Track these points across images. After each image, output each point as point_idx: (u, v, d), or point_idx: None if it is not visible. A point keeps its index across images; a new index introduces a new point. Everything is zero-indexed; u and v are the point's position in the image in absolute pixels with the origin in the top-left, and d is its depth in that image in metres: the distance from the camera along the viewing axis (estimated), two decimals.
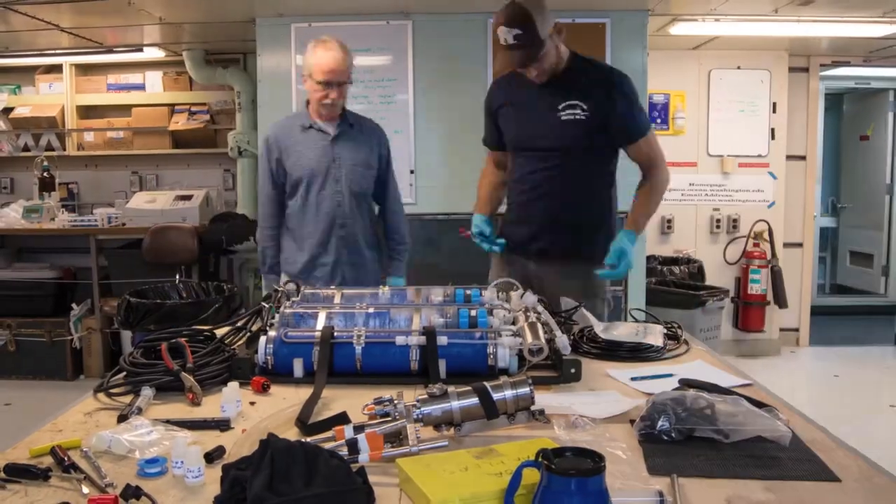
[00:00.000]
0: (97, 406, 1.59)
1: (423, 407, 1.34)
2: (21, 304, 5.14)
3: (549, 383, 1.71)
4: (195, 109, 5.75)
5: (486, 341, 1.74)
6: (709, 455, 1.30)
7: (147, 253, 4.91)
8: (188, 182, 5.79)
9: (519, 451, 1.21)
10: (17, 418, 4.36)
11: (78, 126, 5.80)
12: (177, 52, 5.38)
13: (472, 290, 2.10)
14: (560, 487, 0.98)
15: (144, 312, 2.38)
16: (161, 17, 4.36)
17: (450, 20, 4.35)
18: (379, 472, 1.21)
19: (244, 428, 1.42)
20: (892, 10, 4.17)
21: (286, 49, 4.40)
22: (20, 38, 4.85)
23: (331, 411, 1.49)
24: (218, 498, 1.08)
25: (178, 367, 1.66)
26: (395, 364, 1.73)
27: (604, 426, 1.44)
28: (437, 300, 2.06)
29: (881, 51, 5.47)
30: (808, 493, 1.16)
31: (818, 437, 1.41)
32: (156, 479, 1.21)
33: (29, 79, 5.86)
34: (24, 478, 1.19)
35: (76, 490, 1.17)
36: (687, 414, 1.36)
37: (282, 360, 1.75)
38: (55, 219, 5.30)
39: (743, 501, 1.13)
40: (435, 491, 1.09)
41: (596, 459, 1.01)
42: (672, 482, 1.17)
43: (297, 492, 1.05)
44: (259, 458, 1.09)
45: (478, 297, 2.06)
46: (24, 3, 3.90)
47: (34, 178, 5.52)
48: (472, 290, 2.10)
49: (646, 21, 4.35)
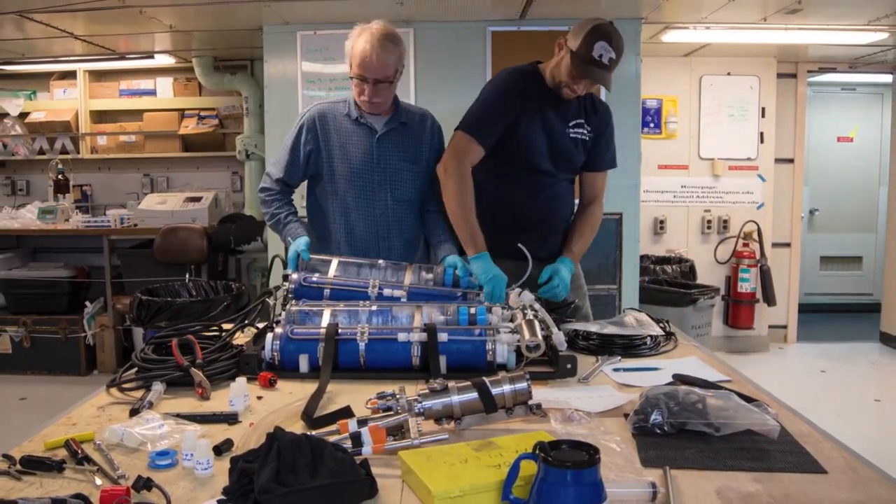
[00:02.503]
0: (110, 400, 1.60)
1: (424, 401, 1.34)
2: (36, 302, 5.14)
3: (545, 378, 1.71)
4: (204, 114, 5.74)
5: (484, 338, 1.74)
6: (700, 448, 1.30)
7: (158, 252, 4.91)
8: (197, 184, 5.80)
9: (517, 443, 1.21)
10: (33, 412, 4.36)
11: (91, 130, 5.80)
12: (186, 58, 5.38)
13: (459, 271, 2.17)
14: (556, 479, 0.98)
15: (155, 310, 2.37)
16: (171, 25, 4.36)
17: (450, 28, 4.35)
18: (382, 465, 1.21)
19: (252, 421, 1.42)
20: (876, 18, 4.17)
21: (292, 56, 4.40)
22: (36, 45, 4.85)
23: (335, 405, 1.50)
24: (226, 489, 1.08)
25: (188, 362, 1.67)
26: (398, 360, 1.74)
27: (599, 420, 1.44)
28: (428, 276, 2.14)
29: (866, 57, 5.47)
30: (795, 485, 1.16)
31: (805, 430, 1.41)
32: (166, 471, 1.21)
33: (44, 85, 5.86)
34: (40, 470, 1.20)
35: (89, 482, 1.17)
36: (679, 408, 1.36)
37: (288, 356, 1.75)
38: (69, 220, 5.30)
39: (732, 492, 1.13)
40: (436, 482, 1.09)
41: (591, 452, 1.01)
42: (664, 474, 1.17)
43: (303, 483, 1.05)
44: (266, 450, 1.09)
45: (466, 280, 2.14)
46: (39, 12, 3.90)
47: (49, 180, 5.52)
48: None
49: (639, 29, 4.35)
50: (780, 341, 5.97)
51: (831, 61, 5.77)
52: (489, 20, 4.33)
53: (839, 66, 5.85)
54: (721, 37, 4.72)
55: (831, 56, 5.61)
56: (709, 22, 4.39)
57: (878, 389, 4.84)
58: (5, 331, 5.10)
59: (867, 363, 5.49)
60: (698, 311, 5.15)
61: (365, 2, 3.95)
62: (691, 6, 4.13)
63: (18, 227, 5.27)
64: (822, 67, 5.85)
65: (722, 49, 5.28)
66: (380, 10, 4.14)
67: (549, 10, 4.14)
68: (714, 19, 4.31)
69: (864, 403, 4.52)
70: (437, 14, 4.25)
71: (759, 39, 4.79)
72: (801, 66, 5.78)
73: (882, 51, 5.20)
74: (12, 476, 1.18)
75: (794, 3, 3.84)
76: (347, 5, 3.97)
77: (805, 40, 4.82)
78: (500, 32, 4.37)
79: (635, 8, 4.18)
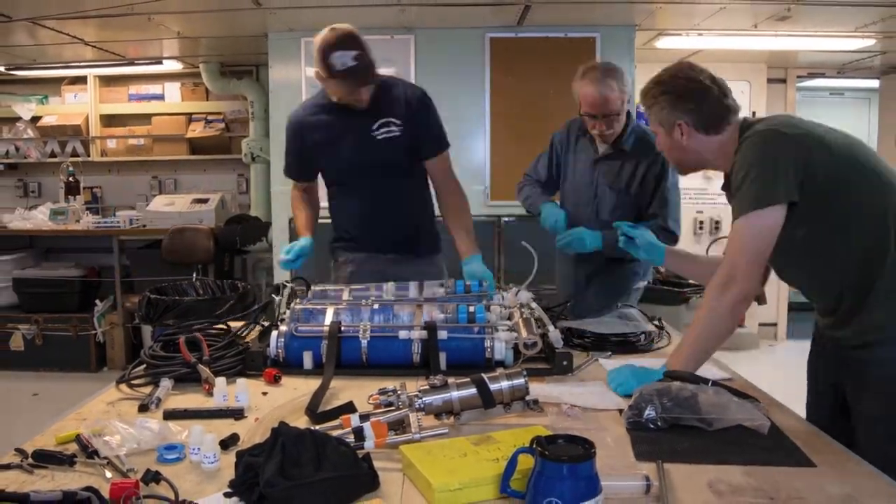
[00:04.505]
0: (119, 396, 1.60)
1: (424, 397, 1.34)
2: (48, 301, 5.14)
3: (542, 375, 1.71)
4: (211, 118, 5.74)
5: (483, 336, 1.74)
6: (692, 442, 1.30)
7: (166, 252, 4.90)
8: (204, 186, 5.79)
9: (514, 438, 1.21)
10: (45, 408, 4.36)
11: (101, 134, 5.80)
12: (194, 64, 5.38)
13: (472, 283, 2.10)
14: (553, 472, 0.98)
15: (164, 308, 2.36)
16: (179, 31, 4.36)
17: (449, 35, 4.35)
18: (384, 458, 1.21)
19: (257, 417, 1.42)
20: (863, 25, 4.17)
21: (296, 61, 4.40)
22: (47, 51, 4.85)
23: (338, 401, 1.50)
24: (232, 482, 1.08)
25: (195, 359, 1.66)
26: (399, 357, 1.73)
27: (594, 415, 1.44)
28: (439, 293, 2.05)
29: (853, 63, 5.47)
30: (784, 478, 1.16)
31: (795, 425, 1.42)
32: (174, 465, 1.21)
33: (55, 89, 5.86)
34: (51, 463, 1.20)
35: (100, 475, 1.17)
36: (672, 404, 1.36)
37: (292, 353, 1.75)
38: (80, 220, 5.30)
39: (724, 485, 1.13)
40: (436, 475, 1.09)
41: (586, 446, 1.01)
42: (658, 467, 1.17)
43: (307, 476, 1.05)
44: (271, 445, 1.09)
45: (477, 289, 2.06)
46: (51, 19, 3.90)
47: (60, 182, 5.52)
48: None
49: (633, 36, 4.35)
50: (771, 339, 5.97)
51: (820, 67, 5.77)
52: (488, 27, 4.34)
53: (827, 72, 5.85)
54: (713, 43, 4.73)
55: (820, 62, 5.62)
56: (701, 29, 4.39)
57: None
58: (18, 328, 5.10)
59: None
60: (691, 309, 5.13)
61: (367, 9, 3.95)
62: (684, 13, 4.13)
63: (31, 227, 5.27)
64: (811, 73, 5.85)
65: (714, 55, 5.27)
66: (381, 17, 4.16)
67: (546, 18, 4.15)
68: (706, 26, 4.31)
69: None
70: (438, 21, 4.25)
71: (750, 46, 4.79)
72: (790, 71, 5.78)
73: (869, 57, 5.20)
74: (25, 469, 1.18)
75: (783, 10, 3.84)
76: (350, 12, 3.97)
77: (795, 46, 4.82)
78: (499, 39, 4.37)
79: (629, 15, 4.18)
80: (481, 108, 4.38)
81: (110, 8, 3.64)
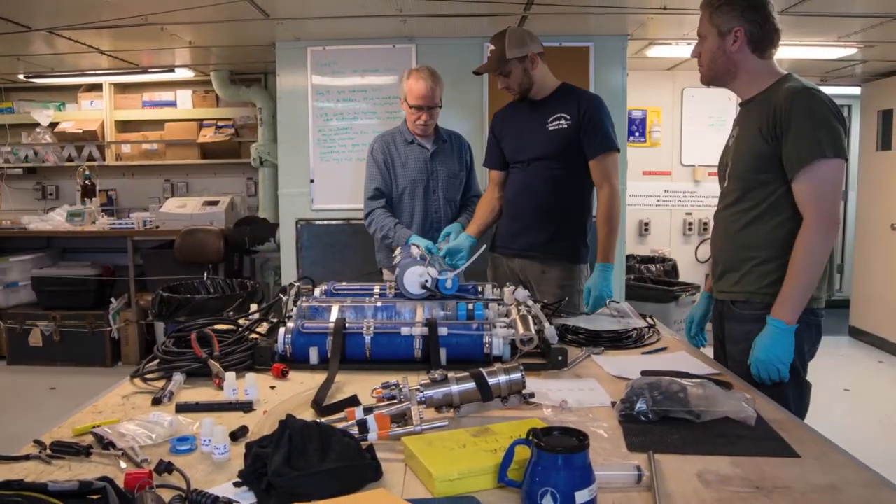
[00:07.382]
0: (133, 390, 1.60)
1: (425, 390, 1.34)
2: (65, 299, 5.14)
3: (538, 369, 1.71)
4: (221, 124, 5.75)
5: (482, 332, 1.74)
6: (682, 434, 1.30)
7: (178, 252, 4.91)
8: (215, 189, 5.79)
9: (511, 430, 1.21)
10: (62, 401, 4.36)
11: (116, 139, 5.80)
12: (205, 72, 5.38)
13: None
14: (548, 463, 0.98)
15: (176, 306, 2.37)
16: (191, 41, 4.36)
17: (449, 44, 4.35)
18: (386, 449, 1.21)
19: (265, 409, 1.42)
20: (845, 35, 4.17)
21: (303, 70, 4.40)
22: (65, 60, 4.85)
23: (343, 394, 1.49)
24: (242, 472, 1.08)
25: (206, 354, 1.66)
26: (401, 352, 1.73)
27: (587, 408, 1.44)
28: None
29: (836, 71, 5.47)
30: (770, 468, 1.16)
31: (780, 417, 1.41)
32: (186, 456, 1.21)
33: (72, 96, 5.86)
34: (68, 454, 1.20)
35: (115, 465, 1.17)
36: (662, 397, 1.36)
37: (299, 349, 1.75)
38: (96, 222, 5.31)
39: (712, 475, 1.13)
40: (436, 466, 1.09)
41: (581, 438, 1.01)
42: (649, 458, 1.17)
43: (313, 466, 1.05)
44: (279, 436, 1.09)
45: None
46: (68, 29, 3.90)
47: (77, 185, 5.53)
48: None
49: (625, 45, 4.35)
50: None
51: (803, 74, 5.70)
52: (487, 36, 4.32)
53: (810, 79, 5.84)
54: None
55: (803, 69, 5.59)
56: (690, 38, 4.37)
57: (848, 380, 4.84)
58: (36, 325, 5.11)
59: (838, 355, 5.49)
60: (680, 307, 5.14)
61: (370, 20, 3.95)
62: (674, 24, 4.13)
63: (49, 228, 5.28)
64: None
65: None
66: (384, 28, 4.16)
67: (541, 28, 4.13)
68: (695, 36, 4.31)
69: (834, 393, 4.52)
70: (438, 31, 4.25)
71: None
72: None
73: (850, 65, 5.20)
74: (43, 460, 1.18)
75: None
76: (354, 22, 3.98)
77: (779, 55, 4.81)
78: None
79: (622, 26, 4.18)
80: (480, 115, 4.38)
81: (125, 18, 3.64)
